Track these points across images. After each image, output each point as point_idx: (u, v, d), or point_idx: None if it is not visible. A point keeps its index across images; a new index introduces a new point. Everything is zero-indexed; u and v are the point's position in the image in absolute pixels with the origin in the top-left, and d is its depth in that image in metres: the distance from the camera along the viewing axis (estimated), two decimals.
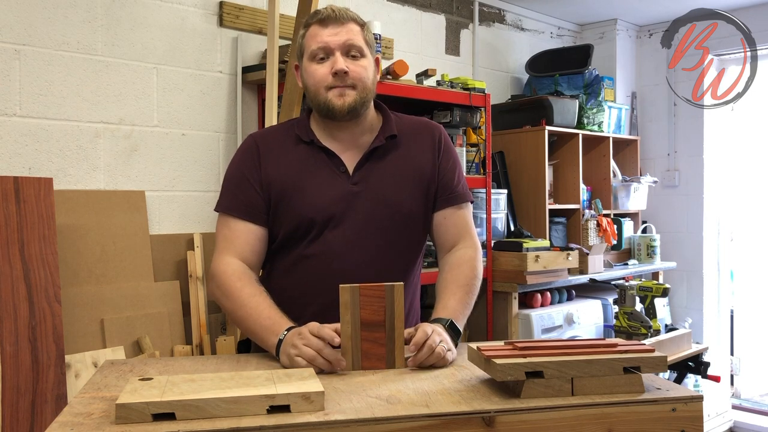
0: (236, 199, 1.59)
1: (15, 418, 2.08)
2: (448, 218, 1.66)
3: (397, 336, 1.31)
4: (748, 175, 4.66)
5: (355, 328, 1.30)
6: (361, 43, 1.55)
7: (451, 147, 1.71)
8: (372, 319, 1.30)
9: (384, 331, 1.31)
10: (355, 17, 1.58)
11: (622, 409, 1.11)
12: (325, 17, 1.54)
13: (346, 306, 1.29)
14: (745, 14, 3.95)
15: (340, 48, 1.53)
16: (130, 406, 1.00)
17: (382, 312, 1.30)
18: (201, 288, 2.66)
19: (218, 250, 1.59)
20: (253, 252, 1.58)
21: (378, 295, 1.30)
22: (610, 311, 3.67)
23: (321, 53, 1.54)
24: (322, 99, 1.55)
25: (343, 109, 1.54)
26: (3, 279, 2.12)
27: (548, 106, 3.65)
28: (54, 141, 2.41)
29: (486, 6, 3.99)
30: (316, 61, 1.55)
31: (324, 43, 1.53)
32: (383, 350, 1.31)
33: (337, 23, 1.54)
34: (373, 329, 1.30)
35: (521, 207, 3.73)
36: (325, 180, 1.58)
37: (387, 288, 1.30)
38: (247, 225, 1.57)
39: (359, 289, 1.29)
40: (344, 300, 1.29)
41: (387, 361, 1.31)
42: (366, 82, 1.56)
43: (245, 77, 2.88)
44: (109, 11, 2.53)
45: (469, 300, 1.58)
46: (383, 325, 1.31)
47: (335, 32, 1.53)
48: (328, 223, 1.55)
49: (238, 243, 1.57)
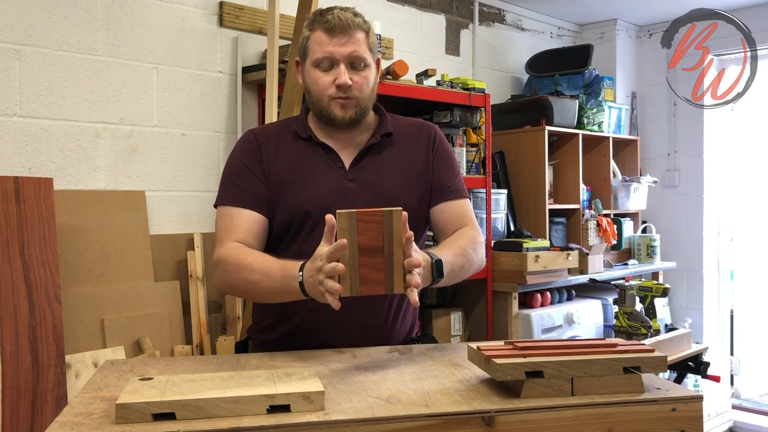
0: (238, 190, 1.58)
1: (15, 418, 2.08)
2: (447, 211, 1.65)
3: (395, 261, 1.27)
4: (748, 175, 4.66)
5: (353, 253, 1.25)
6: (366, 54, 1.56)
7: (446, 145, 1.71)
8: (370, 244, 1.26)
9: (382, 256, 1.27)
10: (361, 23, 1.57)
11: (622, 409, 1.11)
12: (332, 26, 1.54)
13: (344, 232, 1.25)
14: (745, 14, 3.95)
15: (345, 60, 1.54)
16: (130, 406, 1.00)
17: (380, 237, 1.26)
18: (201, 288, 2.66)
19: (219, 240, 1.57)
20: (256, 238, 1.56)
21: (376, 221, 1.25)
22: (610, 311, 3.68)
23: (326, 63, 1.54)
24: (324, 107, 1.57)
25: (344, 121, 1.57)
26: (3, 279, 2.12)
27: (548, 106, 3.65)
28: (54, 141, 2.41)
29: (486, 6, 3.99)
30: (320, 69, 1.56)
31: (329, 53, 1.53)
32: (382, 275, 1.27)
33: (343, 33, 1.53)
34: (371, 254, 1.26)
35: (521, 207, 3.73)
36: (322, 174, 1.59)
37: (385, 213, 1.25)
38: (249, 213, 1.57)
39: (357, 215, 1.25)
40: (341, 226, 1.25)
41: (386, 286, 1.27)
42: (366, 92, 1.58)
43: (245, 77, 2.88)
44: (109, 11, 2.53)
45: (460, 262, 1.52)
46: (381, 251, 1.26)
47: (341, 43, 1.53)
48: (323, 217, 1.55)
49: (239, 230, 1.55)
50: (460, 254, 1.53)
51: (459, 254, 1.53)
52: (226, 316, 2.76)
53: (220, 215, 1.59)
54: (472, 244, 1.59)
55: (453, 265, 1.49)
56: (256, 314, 1.72)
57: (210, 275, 2.72)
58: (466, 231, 1.63)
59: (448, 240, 1.60)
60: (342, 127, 1.59)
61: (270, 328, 1.65)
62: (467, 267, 1.56)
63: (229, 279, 1.52)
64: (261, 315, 1.69)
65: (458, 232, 1.63)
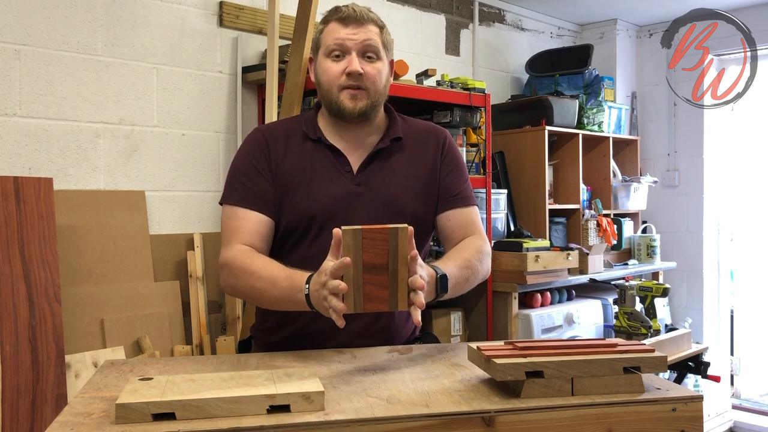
0: (245, 189, 1.56)
1: (15, 418, 2.08)
2: (453, 218, 1.63)
3: (400, 279, 1.27)
4: (748, 175, 4.66)
5: (357, 270, 1.25)
6: (378, 45, 1.55)
7: (455, 151, 1.69)
8: (375, 261, 1.25)
9: (387, 273, 1.26)
10: (376, 19, 1.58)
11: (622, 409, 1.11)
12: (345, 16, 1.54)
13: (348, 248, 1.24)
14: (745, 14, 3.95)
15: (357, 48, 1.53)
16: (130, 406, 1.00)
17: (386, 255, 1.25)
18: (201, 288, 2.66)
19: (226, 241, 1.55)
20: (262, 240, 1.55)
21: (381, 238, 1.25)
22: (610, 311, 3.67)
23: (337, 50, 1.54)
24: (334, 98, 1.55)
25: (353, 112, 1.55)
26: (3, 279, 2.12)
27: (548, 106, 3.65)
28: (54, 141, 2.41)
29: (486, 6, 3.99)
30: (331, 58, 1.55)
31: (341, 40, 1.53)
32: (386, 293, 1.26)
33: (357, 23, 1.54)
34: (376, 272, 1.26)
35: (521, 207, 3.73)
36: (330, 178, 1.57)
37: (391, 231, 1.25)
38: (256, 215, 1.55)
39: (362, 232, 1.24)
40: (347, 242, 1.24)
41: (389, 304, 1.27)
42: (378, 86, 1.56)
43: (245, 77, 2.88)
44: (109, 11, 2.53)
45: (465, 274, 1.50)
46: (386, 268, 1.26)
47: (354, 32, 1.53)
48: (328, 222, 1.54)
49: (246, 232, 1.54)
50: (466, 266, 1.52)
51: (464, 267, 1.51)
52: (226, 316, 2.76)
53: (227, 214, 1.58)
54: (479, 254, 1.57)
55: (458, 279, 1.47)
56: (259, 315, 1.71)
57: (209, 275, 2.72)
58: (472, 241, 1.61)
59: (453, 250, 1.58)
60: (352, 121, 1.57)
61: (272, 330, 1.64)
62: (472, 279, 1.55)
63: (236, 283, 1.51)
64: (264, 316, 1.68)
65: (465, 241, 1.61)
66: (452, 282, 1.43)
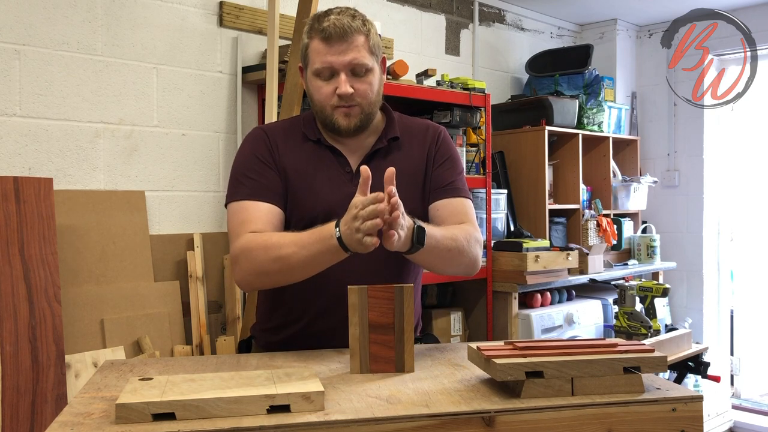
0: (253, 183, 1.53)
1: (15, 418, 2.08)
2: (443, 208, 1.60)
3: (406, 339, 1.29)
4: (748, 175, 4.66)
5: (363, 330, 1.27)
6: (366, 59, 1.51)
7: (448, 144, 1.67)
8: (381, 321, 1.27)
9: (393, 333, 1.28)
10: (359, 27, 1.51)
11: (622, 409, 1.11)
12: (328, 35, 1.48)
13: (354, 308, 1.27)
14: (745, 14, 3.95)
15: (344, 68, 1.49)
16: (130, 406, 1.00)
17: (391, 314, 1.28)
18: (201, 288, 2.66)
19: (235, 235, 1.50)
20: (275, 229, 1.51)
21: (387, 297, 1.27)
22: (610, 311, 3.67)
23: (326, 72, 1.51)
24: (328, 116, 1.54)
25: (349, 129, 1.54)
26: (3, 279, 2.12)
27: (548, 106, 3.65)
28: (54, 141, 2.41)
29: (486, 6, 3.99)
30: (321, 79, 1.52)
31: (328, 63, 1.49)
32: (392, 353, 1.28)
33: (341, 41, 1.48)
34: (381, 331, 1.28)
35: (521, 207, 3.73)
36: (331, 179, 1.57)
37: (396, 290, 1.27)
38: (267, 206, 1.52)
39: (368, 290, 1.27)
40: (352, 301, 1.27)
41: (396, 365, 1.29)
42: (371, 98, 1.54)
43: (245, 77, 2.88)
44: (109, 11, 2.53)
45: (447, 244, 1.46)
46: (392, 328, 1.28)
47: (340, 51, 1.48)
48: (329, 222, 1.54)
49: (258, 221, 1.49)
50: (450, 237, 1.47)
51: (449, 237, 1.47)
52: (226, 316, 2.76)
53: (234, 210, 1.53)
54: (467, 235, 1.52)
55: (438, 242, 1.43)
56: (261, 314, 1.71)
57: (209, 275, 2.73)
58: (463, 225, 1.57)
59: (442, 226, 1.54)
60: (348, 135, 1.56)
61: (275, 329, 1.64)
62: (456, 255, 1.50)
63: (256, 265, 1.44)
64: (266, 316, 1.67)
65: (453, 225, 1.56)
66: (431, 241, 1.40)
